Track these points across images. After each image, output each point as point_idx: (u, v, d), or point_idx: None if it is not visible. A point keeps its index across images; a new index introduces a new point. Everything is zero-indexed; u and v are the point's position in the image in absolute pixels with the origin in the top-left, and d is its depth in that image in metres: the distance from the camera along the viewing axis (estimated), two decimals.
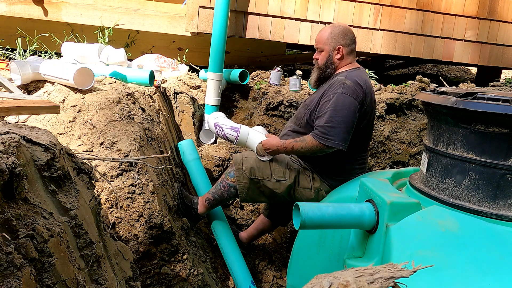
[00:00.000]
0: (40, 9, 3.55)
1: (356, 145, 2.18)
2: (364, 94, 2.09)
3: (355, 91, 2.06)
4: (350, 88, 2.06)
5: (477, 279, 1.13)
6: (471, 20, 3.88)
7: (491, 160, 1.28)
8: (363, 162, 2.31)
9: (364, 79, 2.17)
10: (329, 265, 1.77)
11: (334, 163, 2.23)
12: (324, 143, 2.03)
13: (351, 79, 2.10)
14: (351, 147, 2.13)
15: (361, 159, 2.28)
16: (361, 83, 2.11)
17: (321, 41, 2.25)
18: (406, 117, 3.42)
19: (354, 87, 2.07)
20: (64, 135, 1.98)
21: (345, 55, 2.22)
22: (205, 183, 2.67)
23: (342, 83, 2.08)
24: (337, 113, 2.02)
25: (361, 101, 2.08)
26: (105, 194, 1.84)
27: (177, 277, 1.97)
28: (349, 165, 2.24)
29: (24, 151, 0.99)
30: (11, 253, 0.80)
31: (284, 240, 2.90)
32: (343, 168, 2.24)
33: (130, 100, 2.31)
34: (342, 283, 0.69)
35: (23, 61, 2.42)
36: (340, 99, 2.04)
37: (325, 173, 2.26)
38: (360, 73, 2.20)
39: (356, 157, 2.25)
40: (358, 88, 2.07)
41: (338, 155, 2.15)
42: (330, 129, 2.02)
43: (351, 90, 2.05)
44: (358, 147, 2.21)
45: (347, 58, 2.24)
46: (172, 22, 3.68)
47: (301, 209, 1.32)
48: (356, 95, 2.06)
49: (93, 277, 1.15)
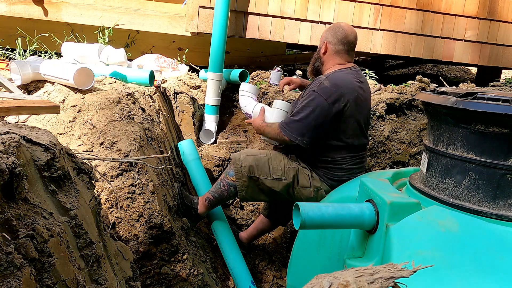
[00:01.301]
0: (40, 9, 3.55)
1: (349, 144, 2.20)
2: (338, 96, 2.10)
3: (328, 92, 2.09)
4: (325, 89, 2.10)
5: (477, 279, 1.13)
6: (471, 20, 3.88)
7: (491, 160, 1.28)
8: (361, 161, 2.31)
9: (347, 79, 2.17)
10: (329, 265, 1.77)
11: (331, 163, 2.24)
12: (283, 132, 2.16)
13: (331, 80, 2.14)
14: (345, 146, 2.18)
15: (358, 158, 2.28)
16: (341, 84, 2.12)
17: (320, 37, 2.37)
18: (406, 117, 3.42)
19: (330, 88, 2.10)
20: (64, 135, 1.98)
21: (332, 52, 2.26)
22: (205, 183, 2.67)
23: (320, 82, 2.15)
24: (304, 110, 2.11)
25: (332, 102, 2.09)
26: (105, 194, 1.84)
27: (177, 277, 1.97)
28: (346, 164, 2.24)
29: (24, 151, 0.99)
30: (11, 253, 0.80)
31: (284, 240, 2.90)
32: (341, 168, 2.24)
33: (130, 100, 2.31)
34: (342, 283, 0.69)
35: (23, 61, 2.42)
36: (311, 97, 2.11)
37: (323, 172, 2.27)
38: (347, 74, 2.21)
39: (353, 157, 2.25)
40: (334, 89, 2.10)
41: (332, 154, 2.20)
42: (293, 123, 2.13)
43: (324, 90, 2.10)
44: (352, 146, 2.22)
45: (334, 57, 2.26)
46: (172, 22, 3.68)
47: (301, 209, 1.32)
48: (328, 96, 2.08)
49: (93, 277, 1.15)
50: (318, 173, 2.28)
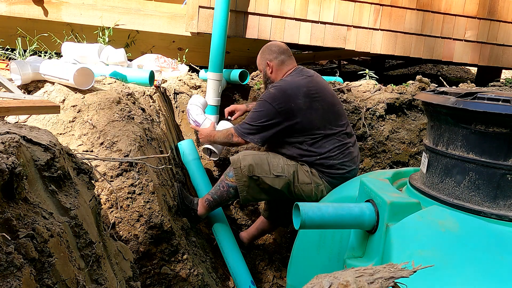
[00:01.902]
0: (40, 9, 3.55)
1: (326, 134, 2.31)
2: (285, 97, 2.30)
3: (274, 97, 2.31)
4: (271, 94, 2.33)
5: (477, 279, 1.13)
6: (471, 20, 3.88)
7: (491, 160, 1.28)
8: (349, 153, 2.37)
9: (292, 81, 2.37)
10: (329, 265, 1.77)
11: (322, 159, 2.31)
12: (236, 132, 2.38)
13: (277, 87, 2.35)
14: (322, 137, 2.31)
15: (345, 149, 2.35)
16: (285, 87, 2.33)
17: (257, 65, 2.63)
18: (406, 117, 3.42)
19: (275, 93, 2.32)
20: (64, 135, 1.98)
21: (277, 66, 2.49)
22: (205, 183, 2.67)
23: (268, 91, 2.39)
24: (253, 114, 2.36)
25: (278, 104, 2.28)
26: (105, 194, 1.84)
27: (177, 277, 1.97)
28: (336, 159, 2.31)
29: (24, 151, 0.99)
30: (11, 253, 0.80)
31: (284, 240, 2.91)
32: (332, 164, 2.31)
33: (130, 100, 2.31)
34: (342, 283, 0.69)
35: (23, 61, 2.42)
36: (259, 103, 2.36)
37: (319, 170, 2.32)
38: (291, 77, 2.42)
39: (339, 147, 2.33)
40: (279, 94, 2.31)
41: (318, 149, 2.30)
42: (244, 124, 2.37)
43: (270, 96, 2.32)
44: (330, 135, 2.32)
45: (281, 68, 2.49)
46: (172, 22, 3.68)
47: (301, 209, 1.32)
48: (273, 99, 2.30)
49: (93, 277, 1.15)
50: (317, 170, 2.32)
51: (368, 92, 3.39)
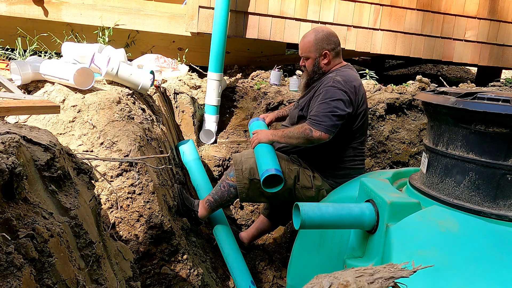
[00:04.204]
0: (40, 9, 3.55)
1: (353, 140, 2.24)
2: (353, 89, 2.16)
3: (344, 85, 2.14)
4: (340, 83, 2.14)
5: (477, 279, 1.13)
6: (471, 20, 3.88)
7: (491, 160, 1.28)
8: (362, 159, 2.35)
9: (354, 75, 2.24)
10: (329, 265, 1.76)
11: (334, 162, 2.25)
12: (315, 127, 2.10)
13: (341, 76, 2.18)
14: (347, 143, 2.21)
15: (360, 155, 2.32)
16: (352, 79, 2.18)
17: (306, 49, 2.29)
18: (406, 117, 3.42)
19: (344, 82, 2.15)
20: (64, 135, 1.98)
21: (332, 58, 2.28)
22: (205, 183, 2.66)
23: (332, 79, 2.17)
24: (327, 104, 2.11)
25: (351, 94, 2.13)
26: (105, 194, 1.84)
27: (177, 277, 1.97)
28: (348, 163, 2.26)
29: (24, 151, 0.99)
30: (11, 253, 0.80)
31: (284, 240, 2.90)
32: (344, 166, 2.26)
33: (130, 100, 2.31)
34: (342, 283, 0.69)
35: (23, 61, 2.42)
36: (330, 92, 2.12)
37: (326, 172, 2.28)
38: (349, 70, 2.27)
39: (356, 154, 2.29)
40: (348, 83, 2.15)
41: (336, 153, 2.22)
42: (320, 117, 2.10)
43: (340, 84, 2.14)
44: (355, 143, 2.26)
45: (334, 61, 2.29)
46: (172, 22, 3.68)
47: (301, 209, 1.32)
48: (347, 88, 2.13)
49: (93, 277, 1.15)
50: (321, 173, 2.28)
51: (368, 92, 3.39)
